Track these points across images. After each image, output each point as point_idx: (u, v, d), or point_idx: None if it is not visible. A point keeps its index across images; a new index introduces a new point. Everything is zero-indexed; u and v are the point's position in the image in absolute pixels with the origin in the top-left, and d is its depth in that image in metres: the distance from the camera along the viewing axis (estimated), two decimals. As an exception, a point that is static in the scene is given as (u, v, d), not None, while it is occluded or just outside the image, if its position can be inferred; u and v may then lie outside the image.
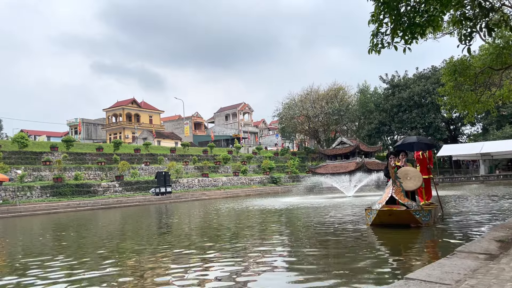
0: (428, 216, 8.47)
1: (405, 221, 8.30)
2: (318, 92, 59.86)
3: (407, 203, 8.31)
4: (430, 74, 55.58)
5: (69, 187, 28.53)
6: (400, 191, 8.47)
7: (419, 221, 8.23)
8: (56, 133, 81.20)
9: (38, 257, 7.48)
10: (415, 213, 8.18)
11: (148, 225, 13.47)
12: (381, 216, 8.32)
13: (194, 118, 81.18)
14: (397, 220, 8.33)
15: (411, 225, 8.29)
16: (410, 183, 8.75)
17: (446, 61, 16.77)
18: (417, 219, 8.21)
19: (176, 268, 5.80)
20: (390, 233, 7.89)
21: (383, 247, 6.77)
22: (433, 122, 52.97)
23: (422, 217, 8.27)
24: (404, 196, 8.43)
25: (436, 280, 3.14)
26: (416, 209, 8.26)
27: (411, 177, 8.82)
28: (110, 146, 42.01)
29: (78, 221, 16.76)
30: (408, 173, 8.89)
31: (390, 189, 8.66)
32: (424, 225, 8.29)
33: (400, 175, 8.73)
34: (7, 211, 22.60)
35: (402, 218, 8.29)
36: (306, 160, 54.67)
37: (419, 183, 8.80)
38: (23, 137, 34.79)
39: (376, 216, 8.35)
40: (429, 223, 8.47)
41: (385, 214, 8.28)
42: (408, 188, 8.72)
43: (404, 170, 9.00)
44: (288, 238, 8.39)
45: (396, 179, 8.55)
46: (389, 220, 8.37)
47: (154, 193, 30.94)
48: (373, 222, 8.53)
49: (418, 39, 7.17)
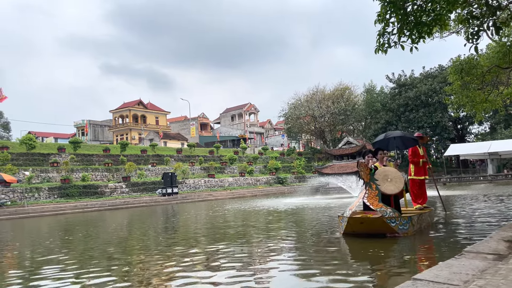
0: (407, 224, 7.35)
1: (379, 230, 7.29)
2: (324, 92, 59.75)
3: (380, 209, 7.32)
4: (437, 73, 55.28)
5: (76, 188, 28.71)
6: (375, 195, 7.54)
7: (395, 230, 7.20)
8: (64, 134, 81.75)
9: (47, 256, 7.54)
10: (390, 221, 7.17)
11: (155, 225, 13.52)
12: (352, 225, 7.39)
13: (200, 119, 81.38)
14: (370, 229, 7.36)
15: (387, 234, 7.26)
16: (391, 185, 7.80)
17: (453, 60, 16.68)
18: (392, 228, 7.19)
19: (182, 267, 5.81)
20: (355, 244, 6.99)
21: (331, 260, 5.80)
22: (440, 121, 52.65)
23: (399, 226, 7.22)
24: (379, 201, 7.46)
25: (444, 281, 3.12)
26: (391, 216, 7.22)
27: (391, 178, 7.87)
28: (117, 147, 42.23)
29: (85, 222, 16.86)
30: (388, 174, 7.92)
31: (363, 193, 7.78)
32: (401, 234, 7.21)
33: (379, 176, 7.79)
34: (16, 212, 22.79)
35: (375, 227, 7.31)
36: (312, 160, 54.56)
37: (401, 185, 7.87)
38: (30, 138, 35.08)
39: (347, 224, 7.40)
40: (408, 232, 7.33)
41: (356, 222, 7.37)
42: (388, 191, 7.78)
43: (383, 171, 7.99)
44: (293, 241, 8.37)
45: (371, 182, 7.63)
46: (361, 229, 7.41)
47: (161, 194, 31.05)
48: (345, 231, 7.55)
49: (425, 38, 7.14)
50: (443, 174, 48.00)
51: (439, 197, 11.46)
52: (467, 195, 19.71)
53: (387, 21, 7.12)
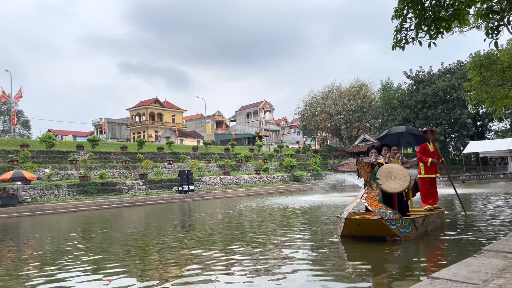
0: (409, 227, 6.80)
1: (378, 233, 6.78)
2: (340, 89, 59.33)
3: (380, 210, 6.74)
4: (455, 69, 54.31)
5: (94, 185, 29.16)
6: (375, 195, 6.99)
7: (395, 233, 6.65)
8: (82, 132, 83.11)
9: (67, 252, 7.70)
10: (390, 224, 6.61)
11: (172, 222, 13.67)
12: (350, 226, 6.94)
13: (215, 116, 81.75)
14: (368, 231, 6.89)
15: (387, 238, 6.74)
16: (394, 183, 7.30)
17: (472, 56, 16.37)
18: (392, 231, 6.63)
19: (198, 263, 5.87)
20: (353, 248, 6.60)
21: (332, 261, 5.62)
22: (459, 118, 51.73)
23: (400, 229, 6.67)
24: (379, 202, 6.89)
25: (463, 280, 3.08)
26: (391, 218, 6.64)
27: (396, 176, 7.35)
28: (134, 145, 42.72)
29: (104, 218, 17.13)
30: (392, 172, 7.42)
31: (362, 193, 7.26)
32: (402, 238, 6.68)
33: (381, 175, 7.34)
34: (36, 209, 23.27)
35: (374, 230, 6.83)
36: (328, 157, 54.26)
37: (405, 183, 7.30)
38: (50, 136, 35.78)
39: (345, 226, 6.92)
40: (410, 235, 6.78)
41: (354, 224, 6.92)
42: (391, 190, 7.29)
43: (388, 167, 7.55)
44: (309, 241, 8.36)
45: (372, 180, 7.12)
46: (359, 232, 6.95)
47: (177, 191, 31.32)
48: (342, 233, 7.07)
49: (444, 34, 7.03)
50: (462, 172, 47.22)
51: (457, 197, 10.69)
52: (487, 193, 19.35)
53: (404, 16, 7.04)
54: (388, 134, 9.35)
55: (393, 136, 9.33)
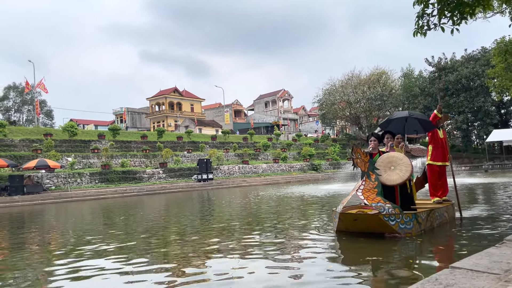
0: (411, 223, 6.21)
1: (376, 228, 6.18)
2: (359, 77, 58.54)
3: (377, 204, 6.15)
4: (479, 55, 52.90)
5: (116, 173, 29.70)
6: (374, 187, 6.36)
7: (394, 230, 6.06)
8: (103, 122, 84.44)
9: (91, 238, 7.91)
10: (388, 219, 6.01)
11: (191, 210, 13.86)
12: (345, 222, 6.44)
13: (234, 105, 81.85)
14: (365, 227, 6.30)
15: (385, 234, 6.15)
16: (394, 174, 6.65)
17: (497, 42, 15.90)
18: (391, 227, 6.04)
19: (218, 252, 5.96)
20: (349, 245, 6.09)
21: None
22: (482, 106, 50.51)
23: (400, 224, 6.08)
24: (377, 195, 6.28)
25: (484, 270, 3.05)
26: (390, 213, 6.05)
27: (396, 165, 6.70)
28: (154, 134, 43.24)
29: (125, 205, 17.47)
30: (392, 161, 6.77)
31: (358, 184, 6.61)
32: (403, 235, 6.08)
33: (381, 165, 6.70)
34: (60, 196, 23.87)
35: (371, 225, 6.23)
36: (347, 146, 53.87)
37: (406, 174, 6.62)
38: (72, 126, 36.55)
39: (339, 221, 6.45)
40: (412, 232, 6.19)
41: (349, 219, 6.41)
42: (390, 182, 6.65)
43: (388, 156, 6.92)
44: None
45: (370, 171, 6.47)
46: (355, 227, 6.40)
47: (197, 180, 31.65)
48: (337, 229, 6.59)
49: (467, 20, 6.85)
50: (485, 161, 46.25)
51: (455, 193, 8.73)
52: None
53: (426, 2, 6.88)
54: (391, 120, 8.57)
55: (397, 123, 8.46)
